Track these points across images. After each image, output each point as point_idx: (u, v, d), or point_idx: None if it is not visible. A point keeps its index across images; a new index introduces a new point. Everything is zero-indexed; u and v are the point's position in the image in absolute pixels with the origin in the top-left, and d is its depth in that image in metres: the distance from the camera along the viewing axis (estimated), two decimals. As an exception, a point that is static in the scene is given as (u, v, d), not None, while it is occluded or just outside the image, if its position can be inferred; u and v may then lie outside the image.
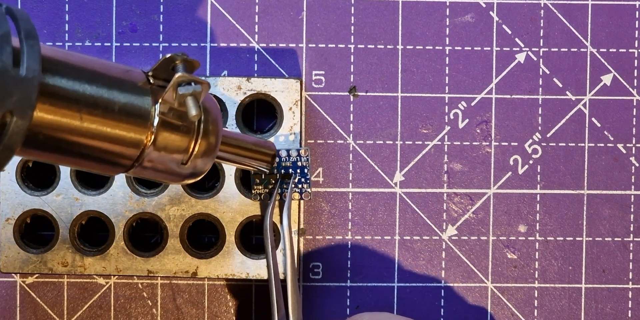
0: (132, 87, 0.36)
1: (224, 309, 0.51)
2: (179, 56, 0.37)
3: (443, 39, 0.51)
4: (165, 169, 0.38)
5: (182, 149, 0.38)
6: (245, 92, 0.49)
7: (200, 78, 0.37)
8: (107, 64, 0.37)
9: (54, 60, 0.34)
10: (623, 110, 0.51)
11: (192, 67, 0.37)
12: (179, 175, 0.39)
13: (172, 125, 0.37)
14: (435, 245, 0.51)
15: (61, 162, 0.36)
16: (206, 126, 0.39)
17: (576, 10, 0.51)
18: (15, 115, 0.32)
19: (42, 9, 0.51)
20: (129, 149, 0.36)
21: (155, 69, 0.37)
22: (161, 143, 0.37)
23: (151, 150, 0.37)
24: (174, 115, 0.37)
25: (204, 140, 0.39)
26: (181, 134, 0.38)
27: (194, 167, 0.39)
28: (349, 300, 0.51)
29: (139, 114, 0.36)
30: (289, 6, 0.51)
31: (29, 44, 0.33)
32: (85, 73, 0.35)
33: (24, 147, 0.34)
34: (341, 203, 0.51)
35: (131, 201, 0.48)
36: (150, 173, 0.38)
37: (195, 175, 0.40)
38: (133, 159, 0.37)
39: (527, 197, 0.51)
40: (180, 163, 0.38)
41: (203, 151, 0.39)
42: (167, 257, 0.48)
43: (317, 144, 0.51)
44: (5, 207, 0.48)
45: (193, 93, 0.36)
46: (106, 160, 0.37)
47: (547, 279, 0.51)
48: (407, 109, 0.51)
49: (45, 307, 0.51)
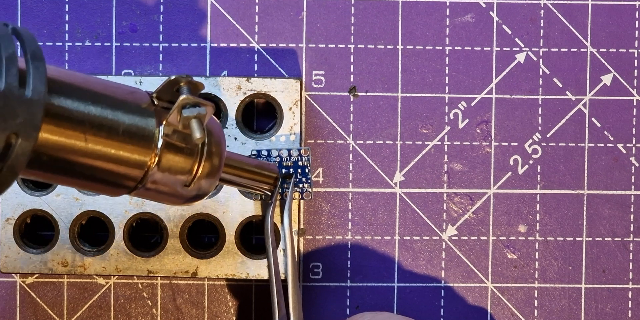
0: (137, 109, 0.36)
1: (224, 309, 0.51)
2: (183, 78, 0.37)
3: (443, 39, 0.51)
4: (169, 191, 0.38)
5: (186, 171, 0.38)
6: (245, 92, 0.49)
7: (204, 100, 0.37)
8: (112, 85, 0.37)
9: (59, 82, 0.34)
10: (623, 110, 0.51)
11: (196, 89, 0.37)
12: (182, 197, 0.39)
13: (176, 147, 0.37)
14: (435, 245, 0.51)
15: (64, 183, 0.36)
16: (210, 148, 0.38)
17: (576, 10, 0.51)
18: (20, 136, 0.32)
19: (42, 9, 0.51)
20: (132, 170, 0.36)
21: (159, 90, 0.37)
22: (165, 165, 0.37)
23: (155, 172, 0.37)
24: (177, 137, 0.37)
25: (208, 162, 0.38)
26: (185, 156, 0.38)
27: (198, 188, 0.39)
28: (349, 300, 0.51)
29: (143, 135, 0.36)
30: (289, 6, 0.51)
31: (35, 66, 0.33)
32: (90, 94, 0.35)
33: (28, 168, 0.34)
34: (341, 203, 0.51)
35: (131, 201, 0.48)
36: (153, 195, 0.38)
37: (199, 197, 0.40)
38: (137, 181, 0.37)
39: (527, 197, 0.51)
40: (183, 185, 0.38)
41: (207, 173, 0.39)
42: (167, 257, 0.48)
43: (317, 144, 0.51)
44: (5, 207, 0.48)
45: (197, 115, 0.36)
46: (110, 182, 0.37)
47: (547, 279, 0.51)
48: (407, 109, 0.51)
49: (45, 307, 0.51)
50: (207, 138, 0.38)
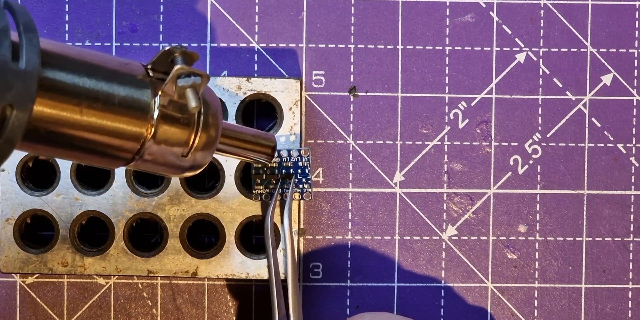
0: (132, 80, 0.36)
1: (224, 309, 0.51)
2: (178, 49, 0.37)
3: (443, 39, 0.51)
4: (166, 162, 0.38)
5: (182, 142, 0.38)
6: (245, 92, 0.49)
7: (199, 70, 0.37)
8: (106, 57, 0.37)
9: (53, 54, 0.34)
10: (623, 110, 0.51)
11: (191, 59, 0.37)
12: (179, 168, 0.39)
13: (172, 118, 0.37)
14: (435, 245, 0.51)
15: (61, 156, 0.36)
16: (206, 118, 0.39)
17: (576, 10, 0.51)
18: (16, 108, 0.32)
19: (42, 9, 0.51)
20: (129, 142, 0.36)
21: (154, 62, 0.37)
22: (161, 136, 0.37)
23: (151, 143, 0.37)
24: (173, 108, 0.37)
25: (204, 132, 0.39)
26: (181, 127, 0.38)
27: (194, 159, 0.39)
28: (349, 300, 0.51)
29: (139, 106, 0.36)
30: (289, 6, 0.51)
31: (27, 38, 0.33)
32: (85, 66, 0.35)
33: (25, 142, 0.34)
34: (341, 203, 0.51)
35: (131, 201, 0.48)
36: (150, 166, 0.38)
37: (196, 167, 0.40)
38: (133, 152, 0.37)
39: (527, 197, 0.51)
40: (180, 156, 0.38)
41: (203, 144, 0.39)
42: (167, 257, 0.48)
43: (317, 144, 0.51)
44: (5, 207, 0.48)
45: (192, 85, 0.36)
46: (107, 154, 0.37)
47: (547, 279, 0.51)
48: (407, 109, 0.51)
49: (45, 307, 0.51)
50: (203, 109, 0.38)
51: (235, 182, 0.48)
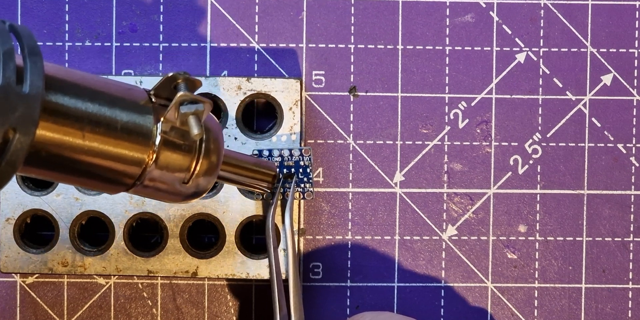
0: (134, 106, 0.36)
1: (224, 309, 0.51)
2: (181, 75, 0.37)
3: (443, 39, 0.51)
4: (167, 189, 0.38)
5: (184, 168, 0.38)
6: (245, 92, 0.49)
7: (202, 97, 0.37)
8: (109, 82, 0.37)
9: (57, 78, 0.34)
10: (623, 110, 0.51)
11: (193, 86, 0.37)
12: (180, 195, 0.39)
13: (174, 144, 0.37)
14: (435, 245, 0.51)
15: (62, 180, 0.36)
16: (208, 145, 0.39)
17: (576, 10, 0.51)
18: (18, 131, 0.32)
19: (42, 9, 0.51)
20: (130, 167, 0.36)
21: (157, 87, 0.37)
22: (163, 162, 0.37)
23: (153, 169, 0.37)
24: (175, 134, 0.37)
25: (206, 159, 0.39)
26: (183, 153, 0.38)
27: (196, 186, 0.39)
28: (349, 300, 0.51)
29: (141, 132, 0.36)
30: (289, 6, 0.51)
31: (32, 61, 0.33)
32: (88, 91, 0.35)
33: (26, 165, 0.34)
34: (341, 203, 0.51)
35: (131, 201, 0.48)
36: (151, 192, 0.38)
37: (197, 194, 0.40)
38: (135, 178, 0.37)
39: (527, 197, 0.51)
40: (181, 182, 0.38)
41: (205, 170, 0.39)
42: (167, 257, 0.48)
43: (317, 144, 0.51)
44: (5, 207, 0.48)
45: (195, 112, 0.36)
46: (108, 179, 0.37)
47: (547, 279, 0.51)
48: (407, 109, 0.51)
49: (45, 307, 0.51)
50: (205, 135, 0.38)
51: (235, 182, 0.48)
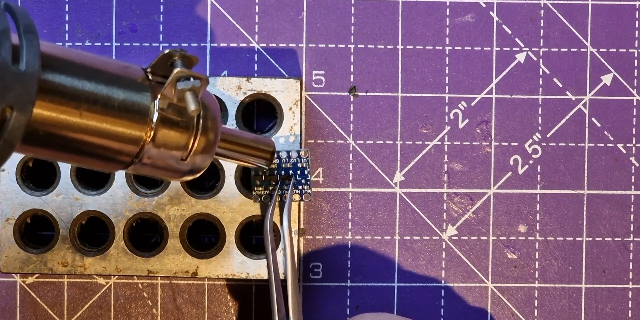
0: (131, 84, 0.36)
1: (224, 309, 0.51)
2: (177, 52, 0.37)
3: (443, 39, 0.51)
4: (165, 166, 0.38)
5: (182, 145, 0.38)
6: (245, 92, 0.49)
7: (199, 73, 0.37)
8: (106, 60, 0.37)
9: (53, 57, 0.34)
10: (623, 110, 0.51)
11: (190, 62, 0.37)
12: (178, 172, 0.39)
13: (171, 121, 0.37)
14: (435, 245, 0.51)
15: (61, 159, 0.36)
16: (205, 122, 0.39)
17: (576, 10, 0.51)
18: (15, 110, 0.32)
19: (42, 9, 0.51)
20: (128, 145, 0.37)
21: (153, 65, 0.37)
22: (160, 139, 0.37)
23: (150, 147, 0.37)
24: (173, 111, 0.37)
25: (203, 136, 0.39)
26: (180, 130, 0.38)
27: (193, 163, 0.39)
28: (349, 300, 0.51)
29: (138, 110, 0.36)
30: (289, 6, 0.51)
31: (28, 39, 0.33)
32: (84, 69, 0.35)
33: (25, 144, 0.34)
34: (341, 203, 0.51)
35: (131, 201, 0.48)
36: (149, 170, 0.38)
37: (195, 171, 0.40)
38: (132, 155, 0.37)
39: (527, 197, 0.51)
40: (179, 159, 0.38)
41: (202, 147, 0.39)
42: (167, 257, 0.48)
43: (317, 144, 0.51)
44: (5, 207, 0.48)
45: (192, 88, 0.36)
46: (106, 157, 0.37)
47: (547, 279, 0.51)
48: (407, 109, 0.51)
49: (45, 307, 0.51)
50: (202, 112, 0.38)
51: (235, 182, 0.48)
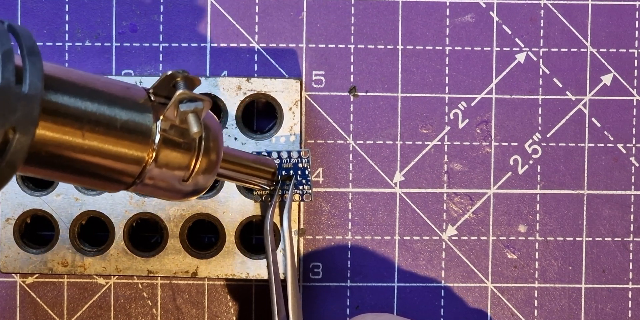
0: (134, 104, 0.36)
1: (224, 309, 0.51)
2: (179, 73, 0.37)
3: (443, 39, 0.51)
4: (167, 187, 0.38)
5: (184, 166, 0.38)
6: (245, 92, 0.49)
7: (201, 95, 0.37)
8: (108, 81, 0.37)
9: (56, 78, 0.35)
10: (623, 110, 0.51)
11: (192, 84, 0.38)
12: (180, 193, 0.39)
13: (173, 143, 0.37)
14: (435, 245, 0.51)
15: (63, 180, 0.36)
16: (207, 143, 0.39)
17: (576, 10, 0.51)
18: (18, 131, 0.32)
19: (42, 9, 0.51)
20: (130, 165, 0.37)
21: (156, 86, 0.37)
22: (163, 160, 0.37)
23: (152, 167, 0.37)
24: (175, 133, 0.37)
25: (205, 157, 0.39)
26: (182, 151, 0.38)
27: (196, 184, 0.39)
28: (349, 300, 0.51)
29: (141, 131, 0.36)
30: (289, 6, 0.51)
31: (31, 61, 0.33)
32: (87, 90, 0.35)
33: (26, 165, 0.34)
34: (341, 203, 0.51)
35: (131, 201, 0.48)
36: (151, 190, 0.38)
37: (196, 192, 0.40)
38: (134, 176, 0.37)
39: (527, 197, 0.51)
40: (181, 180, 0.38)
41: (204, 168, 0.39)
42: (167, 257, 0.48)
43: (317, 144, 0.51)
44: (5, 207, 0.48)
45: (195, 110, 0.36)
46: (108, 178, 0.37)
47: (547, 279, 0.51)
48: (407, 109, 0.51)
49: (45, 307, 0.51)
50: (204, 133, 0.39)
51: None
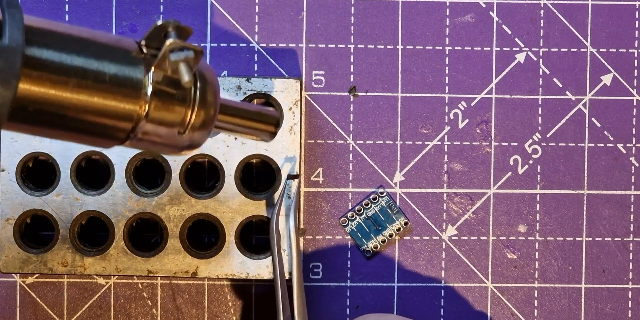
0: (124, 57, 0.35)
1: (224, 309, 0.51)
2: (170, 23, 0.36)
3: (443, 39, 0.51)
4: (162, 141, 0.37)
5: (179, 118, 0.37)
6: (245, 92, 0.49)
7: (193, 44, 0.36)
8: (97, 33, 0.36)
9: (39, 31, 0.34)
10: (623, 110, 0.51)
11: (185, 33, 0.36)
12: (176, 147, 0.38)
13: (166, 94, 0.36)
14: (435, 245, 0.51)
15: (53, 136, 0.35)
16: (203, 94, 0.37)
17: (576, 10, 0.51)
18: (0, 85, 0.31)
19: (42, 9, 0.51)
20: (122, 119, 0.35)
21: (147, 37, 0.36)
22: (156, 113, 0.36)
23: (146, 121, 0.36)
24: (168, 84, 0.36)
25: (201, 108, 0.37)
26: (177, 103, 0.36)
27: (192, 137, 0.38)
28: (349, 300, 0.51)
29: (131, 83, 0.35)
30: (289, 6, 0.51)
31: (10, 13, 0.32)
32: (73, 43, 0.34)
33: (14, 122, 0.33)
34: (341, 203, 0.51)
35: (131, 201, 0.48)
36: (146, 145, 0.37)
37: (194, 146, 0.38)
38: (127, 131, 0.36)
39: (527, 197, 0.51)
40: (177, 133, 0.37)
41: (201, 120, 0.37)
42: (167, 257, 0.48)
43: (317, 144, 0.51)
44: (5, 207, 0.48)
45: (186, 59, 0.35)
46: (100, 133, 0.36)
47: (547, 279, 0.51)
48: (407, 109, 0.51)
49: (45, 307, 0.51)
50: (200, 84, 0.37)
51: (235, 182, 0.48)
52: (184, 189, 0.48)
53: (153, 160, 0.49)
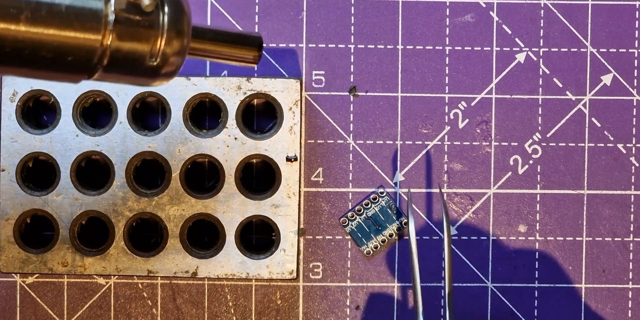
0: None
1: (224, 309, 0.51)
2: None
3: (443, 39, 0.51)
4: (132, 72, 0.36)
5: (147, 47, 0.35)
6: (245, 92, 0.49)
7: None
8: None
9: None
10: (623, 110, 0.51)
11: None
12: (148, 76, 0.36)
13: (130, 21, 0.34)
14: (435, 245, 0.51)
15: (16, 73, 0.34)
16: (172, 19, 0.35)
17: (576, 10, 0.51)
18: None
19: (42, 9, 0.51)
20: (85, 53, 0.34)
21: None
22: (121, 42, 0.34)
23: (112, 50, 0.34)
24: (132, 11, 0.34)
25: (171, 34, 0.36)
26: (143, 31, 0.35)
27: (164, 65, 0.36)
28: (349, 300, 0.51)
29: (91, 13, 0.33)
30: (289, 6, 0.51)
31: None
32: None
33: None
34: (341, 203, 0.51)
35: (131, 201, 0.48)
36: (116, 77, 0.36)
37: (167, 74, 0.37)
38: (93, 64, 0.34)
39: (527, 197, 0.51)
40: (147, 62, 0.35)
41: (172, 47, 0.36)
42: (167, 257, 0.48)
43: (317, 144, 0.51)
44: (5, 207, 0.48)
45: None
46: (63, 68, 0.34)
47: (547, 279, 0.51)
48: (407, 109, 0.51)
49: (45, 307, 0.51)
50: (168, 9, 0.35)
51: (235, 182, 0.48)
52: (184, 189, 0.48)
53: (153, 160, 0.49)
